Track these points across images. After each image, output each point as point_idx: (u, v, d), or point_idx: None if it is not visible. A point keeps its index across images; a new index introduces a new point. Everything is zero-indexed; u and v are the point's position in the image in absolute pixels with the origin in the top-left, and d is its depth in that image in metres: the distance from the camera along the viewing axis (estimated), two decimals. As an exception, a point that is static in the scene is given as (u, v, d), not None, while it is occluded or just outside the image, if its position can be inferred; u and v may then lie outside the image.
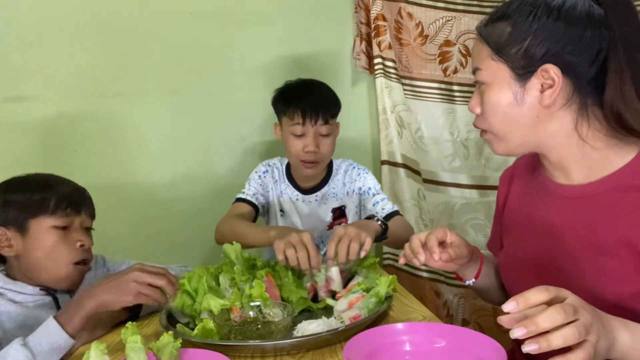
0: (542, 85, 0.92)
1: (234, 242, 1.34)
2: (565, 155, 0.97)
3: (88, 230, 1.35)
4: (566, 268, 0.97)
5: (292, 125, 1.67)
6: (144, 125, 2.05)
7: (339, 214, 1.78)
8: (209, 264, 1.31)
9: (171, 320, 1.18)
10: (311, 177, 1.78)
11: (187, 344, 1.02)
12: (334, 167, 1.81)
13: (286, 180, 1.81)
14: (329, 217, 1.78)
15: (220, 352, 0.96)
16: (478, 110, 1.02)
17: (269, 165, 1.84)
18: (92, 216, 1.36)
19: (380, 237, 1.43)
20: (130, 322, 1.00)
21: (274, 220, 1.83)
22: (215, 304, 1.13)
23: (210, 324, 1.08)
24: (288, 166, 1.83)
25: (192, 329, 1.12)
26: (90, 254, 1.32)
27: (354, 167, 1.79)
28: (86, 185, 1.99)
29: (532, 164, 1.12)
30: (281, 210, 1.81)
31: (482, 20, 1.00)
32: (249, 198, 1.76)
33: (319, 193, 1.78)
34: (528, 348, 0.66)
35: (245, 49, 2.09)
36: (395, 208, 1.70)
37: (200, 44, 2.06)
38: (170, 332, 1.00)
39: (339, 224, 1.76)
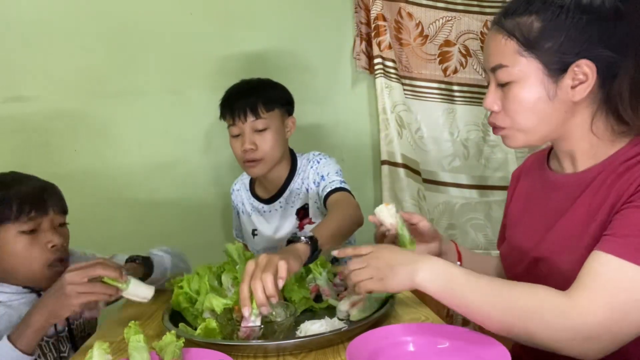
0: (573, 81, 0.92)
1: (235, 242, 1.34)
2: (576, 146, 0.98)
3: (62, 225, 1.30)
4: (556, 252, 0.99)
5: (228, 127, 1.66)
6: (144, 125, 2.05)
7: (303, 214, 1.72)
8: (211, 264, 1.31)
9: (174, 320, 1.18)
10: (271, 184, 1.73)
11: (190, 343, 1.02)
12: (298, 165, 1.73)
13: (251, 197, 1.80)
14: (294, 219, 1.72)
15: (223, 351, 0.96)
16: (496, 107, 0.99)
17: (235, 184, 1.87)
18: (63, 211, 1.30)
19: (313, 254, 1.20)
20: (133, 322, 1.00)
21: (249, 242, 1.83)
22: (217, 303, 1.13)
23: (213, 324, 1.08)
24: (252, 181, 1.82)
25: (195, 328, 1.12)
26: (65, 251, 1.27)
27: (309, 162, 1.71)
28: (86, 185, 2.01)
29: (539, 162, 1.13)
30: (254, 231, 1.80)
31: (498, 15, 0.98)
32: (239, 240, 1.85)
33: (281, 199, 1.73)
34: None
35: (245, 48, 2.09)
36: (338, 186, 1.58)
37: (200, 44, 2.06)
38: (173, 332, 1.00)
39: (308, 223, 1.70)
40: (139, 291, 1.13)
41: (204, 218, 2.11)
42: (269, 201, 1.76)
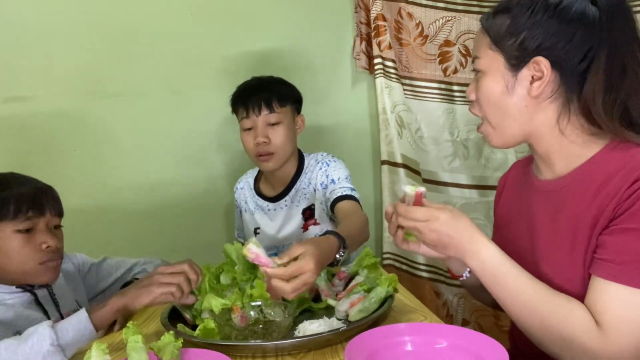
0: (532, 77, 0.97)
1: (234, 242, 1.34)
2: (548, 148, 1.01)
3: (57, 227, 1.32)
4: (540, 257, 1.02)
5: (241, 121, 1.68)
6: (144, 125, 2.05)
7: (309, 214, 1.72)
8: (209, 264, 1.31)
9: (172, 320, 1.18)
10: (278, 182, 1.75)
11: (188, 343, 1.02)
12: (305, 164, 1.76)
13: (255, 196, 1.81)
14: (300, 219, 1.73)
15: (221, 352, 0.97)
16: (473, 96, 1.07)
17: (239, 183, 1.88)
18: (59, 214, 1.32)
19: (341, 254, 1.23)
20: (131, 322, 1.00)
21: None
22: (216, 303, 1.13)
23: (212, 324, 1.08)
24: (257, 179, 1.83)
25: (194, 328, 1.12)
26: (59, 253, 1.29)
27: (317, 162, 1.72)
28: (86, 185, 2.01)
29: (525, 167, 1.16)
30: (256, 229, 1.81)
31: (487, 12, 1.05)
32: (241, 240, 1.86)
33: (287, 198, 1.74)
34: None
35: (245, 48, 2.09)
36: (349, 193, 1.58)
37: (200, 44, 2.06)
38: (172, 332, 1.00)
39: (314, 224, 1.71)
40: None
41: (204, 218, 2.11)
42: (274, 199, 1.76)
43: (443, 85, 2.22)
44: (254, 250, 1.08)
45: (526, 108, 0.99)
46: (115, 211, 2.04)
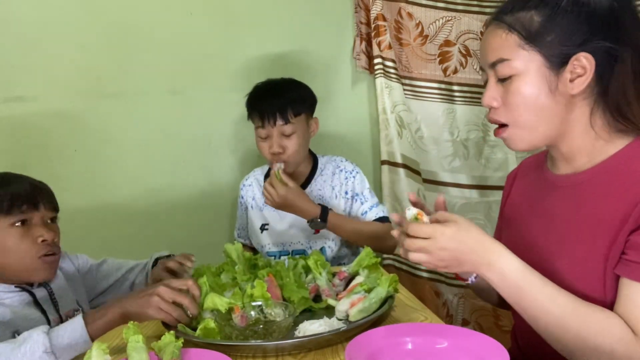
0: (571, 74, 0.92)
1: (235, 242, 1.34)
2: (575, 144, 0.98)
3: (53, 221, 1.33)
4: (554, 252, 0.99)
5: (256, 129, 1.71)
6: (144, 125, 2.05)
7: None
8: (210, 264, 1.31)
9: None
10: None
11: (189, 343, 1.02)
12: (319, 166, 1.80)
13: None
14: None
15: (222, 352, 0.97)
16: (496, 103, 0.99)
17: (246, 179, 1.89)
18: (54, 209, 1.34)
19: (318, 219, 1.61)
20: (132, 322, 1.00)
21: (255, 239, 1.84)
22: (221, 302, 1.12)
23: (212, 324, 1.08)
24: (267, 176, 1.84)
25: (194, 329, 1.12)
26: (55, 246, 1.30)
27: (341, 170, 1.77)
28: (86, 185, 2.01)
29: (537, 163, 1.14)
30: (263, 225, 1.81)
31: (496, 12, 0.99)
32: (241, 240, 1.89)
33: None
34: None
35: (245, 48, 2.09)
36: (384, 215, 1.72)
37: (200, 44, 2.06)
38: (172, 332, 0.99)
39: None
40: None
41: (204, 218, 2.11)
42: None
43: (443, 85, 2.22)
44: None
45: (565, 107, 0.95)
46: (114, 211, 2.04)
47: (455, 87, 2.23)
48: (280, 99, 1.67)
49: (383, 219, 1.72)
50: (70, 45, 1.95)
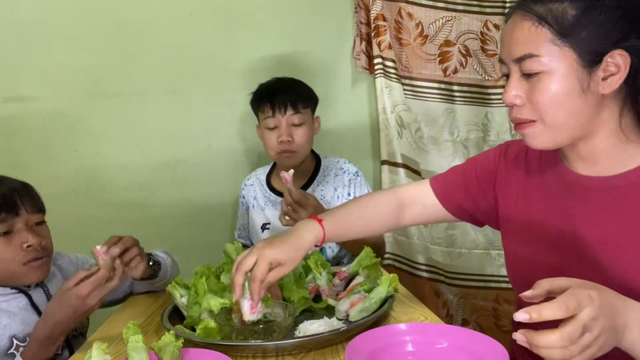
0: (604, 72, 0.87)
1: (234, 242, 1.34)
2: (600, 146, 0.93)
3: (40, 224, 1.27)
4: (588, 267, 0.93)
5: (264, 119, 1.72)
6: (144, 125, 2.05)
7: None
8: (210, 264, 1.30)
9: (172, 320, 1.18)
10: (294, 179, 1.76)
11: (189, 343, 1.02)
12: (322, 166, 1.81)
13: (267, 191, 1.83)
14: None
15: (222, 352, 0.97)
16: (519, 101, 0.92)
17: (248, 179, 1.90)
18: (40, 210, 1.28)
19: None
20: (132, 322, 1.00)
21: (256, 238, 1.85)
22: (215, 303, 1.13)
23: (212, 324, 1.08)
24: (269, 175, 1.85)
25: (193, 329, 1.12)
26: (44, 249, 1.25)
27: (344, 172, 1.78)
28: (86, 185, 2.01)
29: (549, 156, 1.05)
30: (265, 225, 1.82)
31: (523, 0, 0.91)
32: (241, 240, 1.89)
33: None
34: (519, 317, 0.68)
35: (245, 48, 2.09)
36: None
37: (200, 44, 2.06)
38: (172, 332, 1.00)
39: None
40: None
41: (203, 219, 2.11)
42: None
43: (443, 85, 2.22)
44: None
45: (594, 107, 0.89)
46: (114, 211, 2.04)
47: (455, 87, 2.22)
48: (290, 91, 1.72)
49: None
50: (70, 45, 1.95)
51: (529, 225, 1.05)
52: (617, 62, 0.85)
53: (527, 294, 0.73)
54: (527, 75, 0.90)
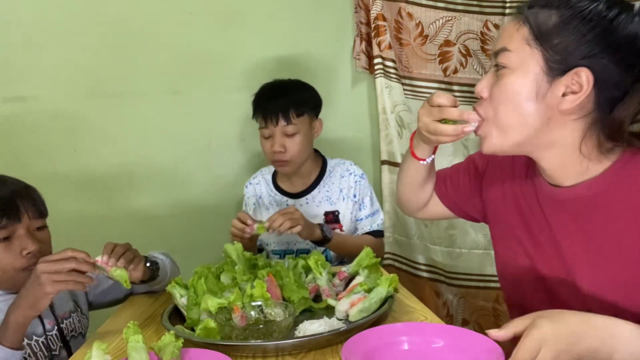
0: (566, 88, 0.86)
1: (234, 242, 1.34)
2: (555, 162, 0.94)
3: (41, 229, 1.25)
4: (567, 275, 0.96)
5: (259, 128, 1.73)
6: (144, 125, 2.05)
7: (332, 218, 1.76)
8: (210, 264, 1.31)
9: (172, 320, 1.18)
10: (298, 180, 1.79)
11: (189, 343, 1.02)
12: (328, 168, 1.81)
13: (273, 190, 1.83)
14: (320, 220, 1.74)
15: (222, 352, 0.97)
16: (486, 94, 0.95)
17: (253, 178, 1.89)
18: (41, 215, 1.24)
19: (321, 242, 1.63)
20: (132, 322, 1.00)
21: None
22: (212, 303, 1.12)
23: (212, 324, 1.08)
24: (274, 174, 1.85)
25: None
26: (42, 256, 1.15)
27: (350, 173, 1.79)
28: (86, 186, 2.01)
29: (526, 165, 1.07)
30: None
31: (526, 2, 0.93)
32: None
33: (309, 196, 1.78)
34: None
35: (245, 49, 2.09)
36: (379, 229, 1.78)
37: (200, 44, 2.06)
38: (172, 332, 1.00)
39: (339, 229, 1.76)
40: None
41: (204, 218, 2.11)
42: (295, 196, 1.79)
43: (443, 85, 2.22)
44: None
45: (548, 120, 0.89)
46: (115, 211, 2.04)
47: (455, 87, 2.22)
48: (283, 100, 1.69)
49: (376, 233, 1.76)
50: (70, 45, 1.96)
51: (512, 229, 1.07)
52: (581, 81, 0.85)
53: (493, 334, 0.80)
54: (497, 70, 0.92)
